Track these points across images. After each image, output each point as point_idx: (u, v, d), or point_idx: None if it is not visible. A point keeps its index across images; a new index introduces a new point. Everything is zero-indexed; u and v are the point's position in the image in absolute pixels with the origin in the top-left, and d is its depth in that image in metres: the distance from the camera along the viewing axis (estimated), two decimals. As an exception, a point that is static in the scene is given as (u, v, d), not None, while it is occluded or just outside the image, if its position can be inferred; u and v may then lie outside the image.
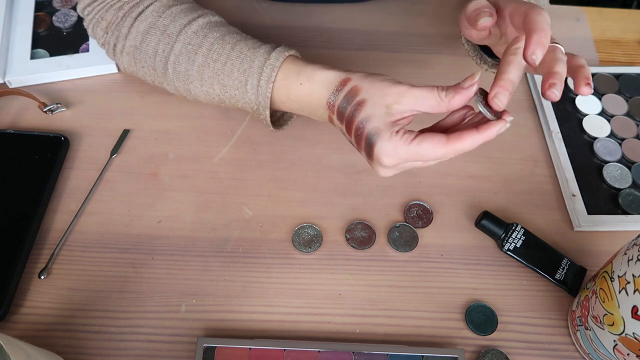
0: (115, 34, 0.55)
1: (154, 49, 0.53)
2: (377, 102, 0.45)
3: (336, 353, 0.49)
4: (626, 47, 0.73)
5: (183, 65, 0.52)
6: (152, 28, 0.53)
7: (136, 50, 0.54)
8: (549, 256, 0.55)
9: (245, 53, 0.51)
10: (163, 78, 0.54)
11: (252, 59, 0.50)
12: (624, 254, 0.42)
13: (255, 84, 0.50)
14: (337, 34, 0.72)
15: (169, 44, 0.52)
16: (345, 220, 0.57)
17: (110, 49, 0.56)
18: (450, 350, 0.49)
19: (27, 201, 0.55)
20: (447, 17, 0.75)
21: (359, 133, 0.45)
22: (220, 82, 0.52)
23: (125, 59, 0.56)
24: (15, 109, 0.63)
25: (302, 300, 0.52)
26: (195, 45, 0.52)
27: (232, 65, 0.51)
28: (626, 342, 0.42)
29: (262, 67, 0.50)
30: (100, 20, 0.55)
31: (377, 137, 0.44)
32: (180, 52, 0.52)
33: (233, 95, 0.52)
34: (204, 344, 0.48)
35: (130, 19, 0.54)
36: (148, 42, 0.53)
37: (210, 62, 0.51)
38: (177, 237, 0.55)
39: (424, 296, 0.53)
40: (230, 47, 0.51)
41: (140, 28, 0.53)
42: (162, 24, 0.53)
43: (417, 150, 0.43)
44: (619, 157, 0.62)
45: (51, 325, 0.50)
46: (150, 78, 0.56)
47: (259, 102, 0.51)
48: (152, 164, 0.60)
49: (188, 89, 0.54)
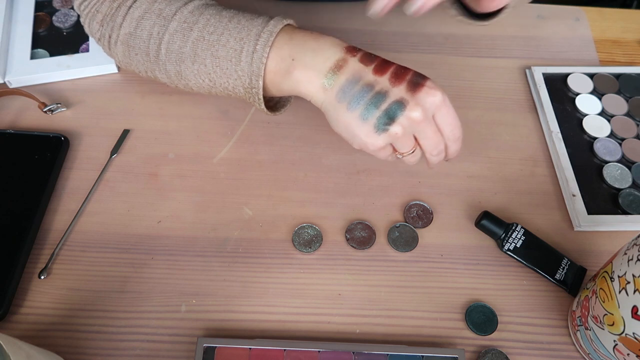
0: (110, 25, 0.54)
1: (149, 32, 0.52)
2: None
3: (336, 353, 0.49)
4: (626, 47, 0.73)
5: (177, 43, 0.51)
6: (147, 13, 0.52)
7: (130, 36, 0.53)
8: (549, 256, 0.55)
9: (243, 23, 0.50)
10: (155, 63, 0.53)
11: (250, 28, 0.49)
12: (624, 254, 0.42)
13: (250, 51, 0.49)
14: (338, 34, 0.72)
15: (164, 25, 0.52)
16: (345, 220, 0.57)
17: (105, 42, 0.55)
18: (450, 350, 0.49)
19: (27, 201, 0.55)
20: (448, 17, 0.75)
21: (403, 71, 0.47)
22: (213, 55, 0.50)
23: (119, 49, 0.55)
24: (15, 109, 0.63)
25: (302, 300, 0.52)
26: (191, 22, 0.51)
27: (229, 35, 0.50)
28: (626, 342, 0.42)
29: (259, 34, 0.49)
30: (95, 13, 0.54)
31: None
32: (175, 30, 0.51)
33: (225, 70, 0.50)
34: (204, 344, 0.48)
35: (125, 7, 0.53)
36: (143, 26, 0.52)
37: (206, 35, 0.50)
38: (177, 237, 0.55)
39: (423, 296, 0.53)
40: (227, 20, 0.51)
41: (134, 15, 0.53)
42: (158, 7, 0.52)
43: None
44: (619, 157, 0.62)
45: (51, 325, 0.50)
46: (143, 67, 0.55)
47: (252, 71, 0.49)
48: (152, 164, 0.60)
49: (179, 71, 0.52)
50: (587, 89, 0.67)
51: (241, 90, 0.51)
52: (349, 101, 0.47)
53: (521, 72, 0.70)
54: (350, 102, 0.47)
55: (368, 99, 0.46)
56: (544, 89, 0.67)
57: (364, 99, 0.46)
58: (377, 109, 0.46)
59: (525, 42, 0.72)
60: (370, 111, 0.46)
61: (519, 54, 0.71)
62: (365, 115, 0.46)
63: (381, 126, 0.46)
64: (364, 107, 0.46)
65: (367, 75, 0.47)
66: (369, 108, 0.46)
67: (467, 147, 0.54)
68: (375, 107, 0.46)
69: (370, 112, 0.46)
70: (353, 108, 0.46)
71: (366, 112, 0.46)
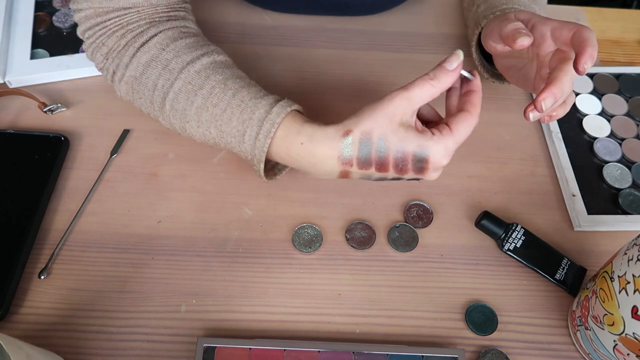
0: (115, 62, 0.53)
1: (154, 82, 0.51)
2: (392, 128, 0.45)
3: (336, 353, 0.49)
4: (626, 47, 0.73)
5: (181, 104, 0.51)
6: (154, 61, 0.51)
7: (135, 81, 0.52)
8: (549, 256, 0.55)
9: (247, 103, 0.49)
10: (160, 113, 0.53)
11: (253, 110, 0.49)
12: (624, 254, 0.42)
13: (253, 137, 0.49)
14: (338, 34, 0.72)
15: (169, 79, 0.51)
16: (345, 220, 0.57)
17: (109, 75, 0.54)
18: (450, 350, 0.49)
19: (27, 201, 0.55)
20: (449, 17, 0.75)
21: (403, 162, 0.46)
22: (217, 128, 0.50)
23: (123, 88, 0.54)
24: (15, 109, 0.63)
25: (302, 300, 0.52)
26: (196, 86, 0.50)
27: (232, 114, 0.49)
28: (626, 342, 0.42)
29: (262, 120, 0.48)
30: (101, 45, 0.53)
31: (425, 149, 0.45)
32: (180, 90, 0.50)
33: (229, 142, 0.51)
34: (204, 344, 0.48)
35: (133, 48, 0.52)
36: (148, 75, 0.52)
37: (210, 107, 0.50)
38: (177, 237, 0.55)
39: (423, 296, 0.53)
40: (231, 93, 0.50)
41: (142, 59, 0.52)
42: (165, 57, 0.51)
43: (459, 133, 0.46)
44: (619, 157, 0.62)
45: (51, 325, 0.50)
46: (146, 110, 0.54)
47: (254, 155, 0.49)
48: (152, 164, 0.60)
49: (184, 127, 0.52)
50: (587, 89, 0.68)
51: (244, 157, 0.52)
52: (376, 180, 0.49)
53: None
54: (377, 179, 0.49)
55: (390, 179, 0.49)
56: (544, 89, 0.67)
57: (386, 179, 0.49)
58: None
59: (525, 42, 0.72)
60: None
61: (519, 54, 0.71)
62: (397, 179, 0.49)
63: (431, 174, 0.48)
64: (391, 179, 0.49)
65: (375, 174, 0.48)
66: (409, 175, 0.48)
67: (467, 147, 0.53)
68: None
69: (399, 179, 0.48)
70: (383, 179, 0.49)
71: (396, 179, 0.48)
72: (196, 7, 0.61)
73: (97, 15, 0.52)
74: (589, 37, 0.47)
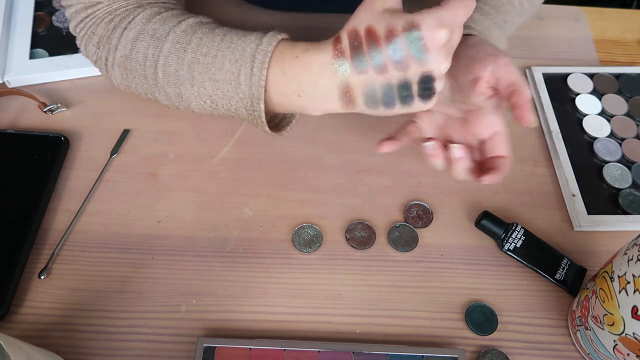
0: (106, 47, 0.52)
1: (144, 54, 0.50)
2: (375, 16, 0.43)
3: (336, 353, 0.49)
4: (626, 47, 0.73)
5: (173, 66, 0.49)
6: (141, 34, 0.51)
7: (126, 59, 0.51)
8: (549, 256, 0.55)
9: (236, 42, 0.48)
10: (154, 86, 0.52)
11: (244, 47, 0.47)
12: (624, 254, 0.42)
13: (248, 74, 0.47)
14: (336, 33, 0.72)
15: (158, 47, 0.50)
16: (345, 220, 0.57)
17: (102, 65, 0.54)
18: (450, 350, 0.49)
19: (27, 201, 0.55)
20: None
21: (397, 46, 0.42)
22: (211, 78, 0.49)
23: (117, 72, 0.53)
24: (15, 109, 0.63)
25: (302, 300, 0.52)
26: (184, 43, 0.49)
27: (223, 57, 0.48)
28: (626, 342, 0.42)
29: (254, 54, 0.47)
30: (92, 35, 0.53)
31: (415, 21, 0.42)
32: (169, 52, 0.49)
33: (226, 93, 0.49)
34: (204, 344, 0.48)
35: (120, 29, 0.51)
36: (137, 48, 0.51)
37: (200, 57, 0.48)
38: (177, 237, 0.55)
39: (423, 296, 0.53)
40: (219, 38, 0.49)
41: (129, 36, 0.51)
42: (151, 28, 0.51)
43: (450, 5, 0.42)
44: (619, 157, 0.62)
45: (51, 325, 0.50)
46: (142, 89, 0.53)
47: (252, 94, 0.48)
48: (152, 164, 0.60)
49: (179, 94, 0.51)
50: (587, 89, 0.67)
51: (244, 112, 0.50)
52: (384, 102, 0.45)
53: (521, 72, 0.69)
54: (385, 102, 0.45)
55: (397, 94, 0.44)
56: (544, 89, 0.67)
57: (393, 97, 0.45)
58: (412, 94, 0.44)
59: (525, 42, 0.72)
60: (408, 100, 0.45)
61: (519, 54, 0.71)
62: (407, 100, 0.45)
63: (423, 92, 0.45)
64: (400, 101, 0.45)
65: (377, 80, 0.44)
66: (406, 99, 0.45)
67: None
68: (410, 94, 0.44)
69: (409, 99, 0.45)
70: (391, 105, 0.45)
71: (405, 100, 0.45)
72: (196, 7, 0.60)
73: (86, 7, 0.52)
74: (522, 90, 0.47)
